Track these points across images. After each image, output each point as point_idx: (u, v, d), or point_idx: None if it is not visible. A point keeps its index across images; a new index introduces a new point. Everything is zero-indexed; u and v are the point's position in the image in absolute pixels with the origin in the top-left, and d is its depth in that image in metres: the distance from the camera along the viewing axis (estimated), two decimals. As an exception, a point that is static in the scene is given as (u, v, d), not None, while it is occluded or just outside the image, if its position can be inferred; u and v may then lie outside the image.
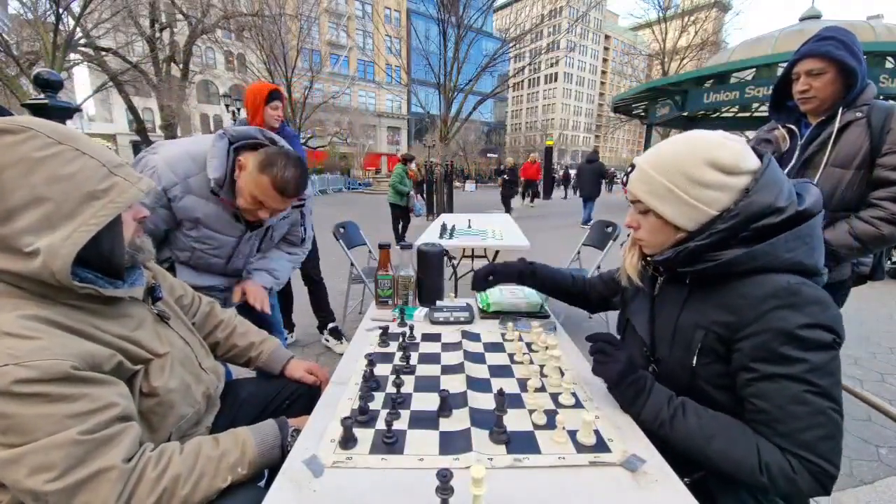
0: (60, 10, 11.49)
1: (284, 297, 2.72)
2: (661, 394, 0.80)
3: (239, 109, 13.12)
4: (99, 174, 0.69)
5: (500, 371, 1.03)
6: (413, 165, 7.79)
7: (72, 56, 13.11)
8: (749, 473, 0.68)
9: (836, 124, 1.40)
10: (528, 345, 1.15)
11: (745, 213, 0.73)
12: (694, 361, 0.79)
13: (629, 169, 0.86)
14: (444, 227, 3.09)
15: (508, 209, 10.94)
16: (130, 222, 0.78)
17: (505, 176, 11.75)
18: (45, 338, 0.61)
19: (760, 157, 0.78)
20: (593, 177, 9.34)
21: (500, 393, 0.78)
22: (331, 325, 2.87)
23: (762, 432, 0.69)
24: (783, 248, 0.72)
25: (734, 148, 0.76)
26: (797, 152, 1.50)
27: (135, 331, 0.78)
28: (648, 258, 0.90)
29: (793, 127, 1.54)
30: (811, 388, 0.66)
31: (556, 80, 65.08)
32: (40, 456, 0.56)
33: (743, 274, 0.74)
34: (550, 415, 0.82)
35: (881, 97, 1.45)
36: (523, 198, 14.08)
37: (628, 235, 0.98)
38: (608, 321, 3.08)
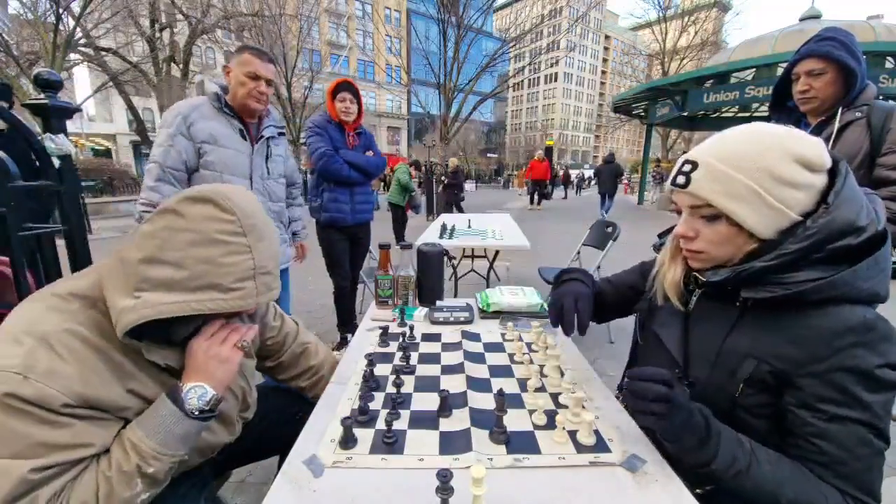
0: (60, 10, 11.47)
1: (341, 301, 2.75)
2: (729, 436, 0.67)
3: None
4: (241, 274, 0.69)
5: (500, 371, 1.03)
6: (412, 171, 8.01)
7: (72, 56, 13.08)
8: None
9: (836, 124, 1.41)
10: (528, 345, 1.14)
11: (825, 232, 0.63)
12: (738, 391, 0.71)
13: (686, 167, 0.70)
14: (444, 227, 3.10)
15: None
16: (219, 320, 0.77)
17: (444, 179, 9.57)
18: (73, 364, 0.62)
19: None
20: (610, 175, 10.60)
21: (500, 393, 0.78)
22: (352, 324, 2.94)
23: (820, 474, 0.64)
24: (863, 277, 0.63)
25: (815, 141, 0.67)
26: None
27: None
28: (696, 275, 0.77)
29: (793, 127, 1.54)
30: (874, 430, 0.63)
31: (556, 80, 65.13)
32: None
33: (815, 303, 0.65)
34: (550, 415, 0.82)
35: (881, 97, 1.46)
36: (531, 201, 13.79)
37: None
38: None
